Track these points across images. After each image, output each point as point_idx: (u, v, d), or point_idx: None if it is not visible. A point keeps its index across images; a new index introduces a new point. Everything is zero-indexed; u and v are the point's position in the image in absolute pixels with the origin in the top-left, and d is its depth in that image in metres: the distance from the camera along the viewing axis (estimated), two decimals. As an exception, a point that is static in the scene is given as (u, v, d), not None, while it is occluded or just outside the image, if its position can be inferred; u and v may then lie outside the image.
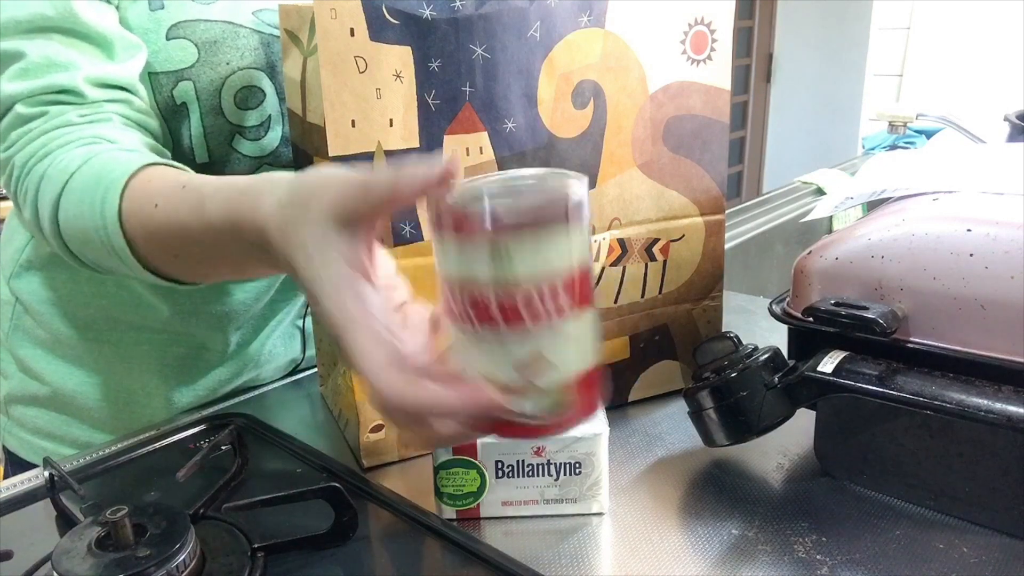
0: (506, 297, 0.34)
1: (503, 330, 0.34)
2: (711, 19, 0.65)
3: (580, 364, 0.36)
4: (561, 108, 0.61)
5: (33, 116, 0.57)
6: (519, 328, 0.34)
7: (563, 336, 0.35)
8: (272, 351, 0.80)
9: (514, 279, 0.34)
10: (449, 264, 0.36)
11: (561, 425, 0.36)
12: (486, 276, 0.34)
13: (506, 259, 0.34)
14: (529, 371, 0.34)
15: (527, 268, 0.34)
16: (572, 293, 0.35)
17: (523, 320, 0.34)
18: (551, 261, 0.34)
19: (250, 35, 0.65)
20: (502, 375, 0.35)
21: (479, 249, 0.34)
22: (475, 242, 0.34)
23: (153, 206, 0.50)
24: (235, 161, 0.68)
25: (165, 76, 0.63)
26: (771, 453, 0.62)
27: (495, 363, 0.35)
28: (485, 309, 0.34)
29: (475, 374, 0.35)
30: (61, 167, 0.54)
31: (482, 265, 0.34)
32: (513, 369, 0.34)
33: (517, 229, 0.34)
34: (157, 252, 0.52)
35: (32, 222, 0.58)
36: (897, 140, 1.59)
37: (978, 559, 0.50)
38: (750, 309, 0.93)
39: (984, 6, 2.93)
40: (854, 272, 0.58)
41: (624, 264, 0.67)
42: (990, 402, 0.50)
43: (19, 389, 0.77)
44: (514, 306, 0.34)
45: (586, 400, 0.37)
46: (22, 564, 0.49)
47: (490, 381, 0.35)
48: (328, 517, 0.52)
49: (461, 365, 0.36)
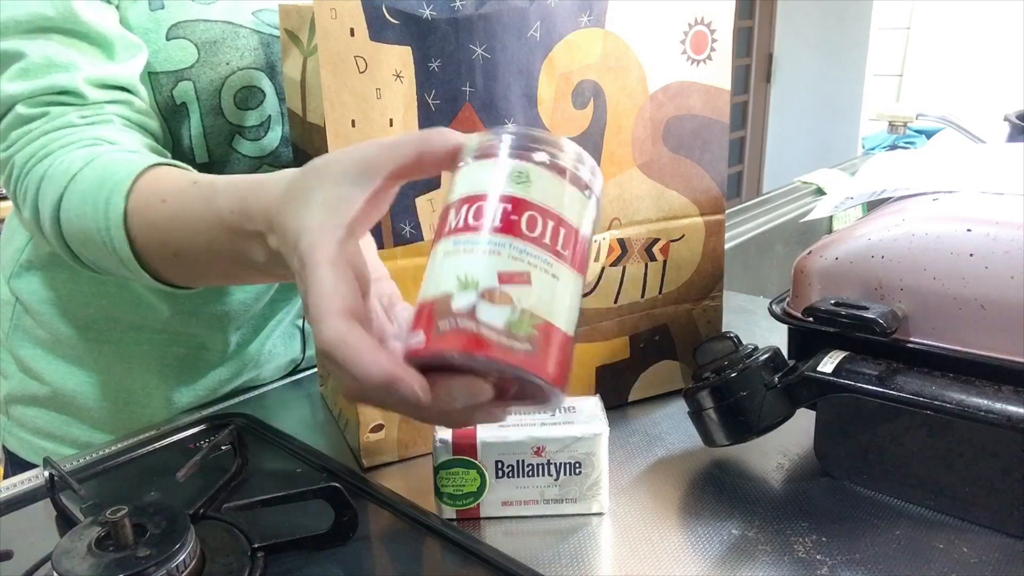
0: (514, 208, 0.34)
1: (500, 236, 0.34)
2: (711, 19, 0.65)
3: (558, 315, 0.34)
4: (561, 108, 0.61)
5: (34, 117, 0.57)
6: (518, 240, 0.34)
7: (551, 274, 0.34)
8: (272, 351, 0.80)
9: (528, 196, 0.34)
10: (460, 186, 0.36)
11: (523, 358, 0.33)
12: (501, 189, 0.35)
13: (525, 179, 0.35)
14: (511, 282, 0.33)
15: (543, 195, 0.35)
16: (570, 245, 0.35)
17: (524, 235, 0.34)
18: (563, 206, 0.35)
19: (250, 35, 0.65)
20: (483, 278, 0.33)
21: (502, 167, 0.35)
22: (500, 161, 0.35)
23: (161, 201, 0.50)
24: (235, 161, 0.68)
25: (165, 76, 0.63)
26: (771, 453, 0.62)
27: (481, 266, 0.33)
28: (490, 214, 0.34)
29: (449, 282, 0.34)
30: (63, 168, 0.54)
31: (502, 180, 0.35)
32: (496, 274, 0.33)
33: (542, 163, 0.35)
34: (158, 250, 0.52)
35: (32, 222, 0.58)
36: (897, 140, 1.59)
37: (978, 559, 0.50)
38: (750, 309, 0.93)
39: (984, 6, 2.93)
40: (854, 272, 0.58)
41: (624, 264, 0.67)
42: (990, 402, 0.50)
43: (19, 389, 0.77)
44: (519, 218, 0.34)
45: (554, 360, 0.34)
46: (22, 564, 0.49)
47: (465, 286, 0.33)
48: (328, 517, 0.52)
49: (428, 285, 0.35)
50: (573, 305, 0.36)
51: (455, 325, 0.33)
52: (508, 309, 0.33)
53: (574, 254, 0.36)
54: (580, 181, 0.36)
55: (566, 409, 0.56)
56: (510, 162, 0.35)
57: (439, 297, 0.33)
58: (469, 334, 0.33)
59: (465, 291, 0.33)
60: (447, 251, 0.35)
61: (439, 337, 0.33)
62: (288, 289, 0.79)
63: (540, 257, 0.34)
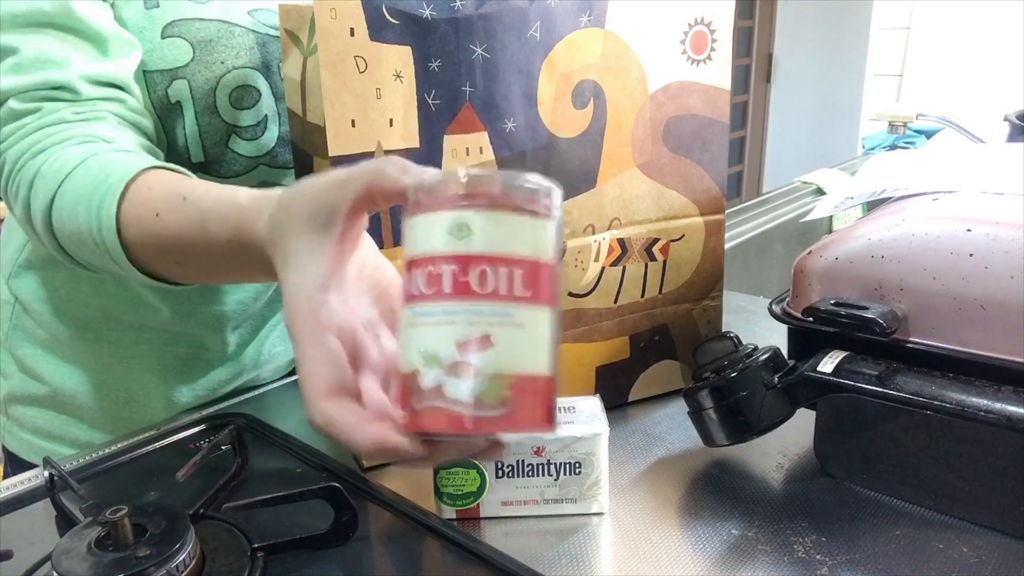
0: (460, 269, 0.33)
1: (452, 304, 0.33)
2: (711, 19, 0.65)
3: (529, 363, 0.34)
4: (561, 108, 0.61)
5: (26, 112, 0.57)
6: (469, 301, 0.33)
7: (514, 324, 0.34)
8: (271, 351, 0.80)
9: (471, 251, 0.33)
10: (411, 243, 0.35)
11: (498, 422, 0.33)
12: (445, 248, 0.34)
13: (466, 231, 0.33)
14: (471, 348, 0.33)
15: (487, 241, 0.33)
16: (530, 283, 0.34)
17: (474, 294, 0.33)
18: (511, 244, 0.34)
19: (245, 34, 0.65)
20: (442, 352, 0.33)
21: (442, 222, 0.34)
22: (438, 215, 0.34)
23: (154, 215, 0.50)
24: (231, 161, 0.68)
25: (160, 75, 0.63)
26: (771, 453, 0.62)
27: (438, 339, 0.33)
28: (438, 281, 0.33)
29: (415, 358, 0.34)
30: (56, 166, 0.54)
31: (442, 237, 0.34)
32: (455, 345, 0.33)
33: (479, 205, 0.34)
34: (158, 258, 0.52)
35: (23, 219, 0.57)
36: (897, 140, 1.59)
37: (978, 559, 0.50)
38: (750, 309, 0.93)
39: (984, 6, 2.93)
40: (854, 272, 0.58)
41: (624, 264, 0.67)
42: (990, 402, 0.50)
43: (19, 389, 0.77)
44: (467, 278, 0.33)
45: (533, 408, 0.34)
46: (22, 564, 0.49)
47: (428, 362, 0.33)
48: (328, 517, 0.52)
49: (401, 356, 0.35)
50: (547, 340, 0.35)
51: (428, 404, 0.34)
52: (474, 381, 0.33)
53: (537, 289, 0.34)
54: (529, 211, 0.34)
55: (566, 409, 0.56)
56: (449, 215, 0.34)
57: (409, 374, 0.34)
58: (442, 413, 0.33)
59: (429, 368, 0.33)
60: (409, 322, 0.35)
61: (417, 416, 0.34)
62: (288, 289, 0.79)
63: (498, 312, 0.33)
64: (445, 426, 0.33)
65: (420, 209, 0.35)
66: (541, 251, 0.35)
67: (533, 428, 0.34)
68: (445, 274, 0.33)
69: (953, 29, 3.03)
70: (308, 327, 0.37)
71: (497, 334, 0.33)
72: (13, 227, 0.76)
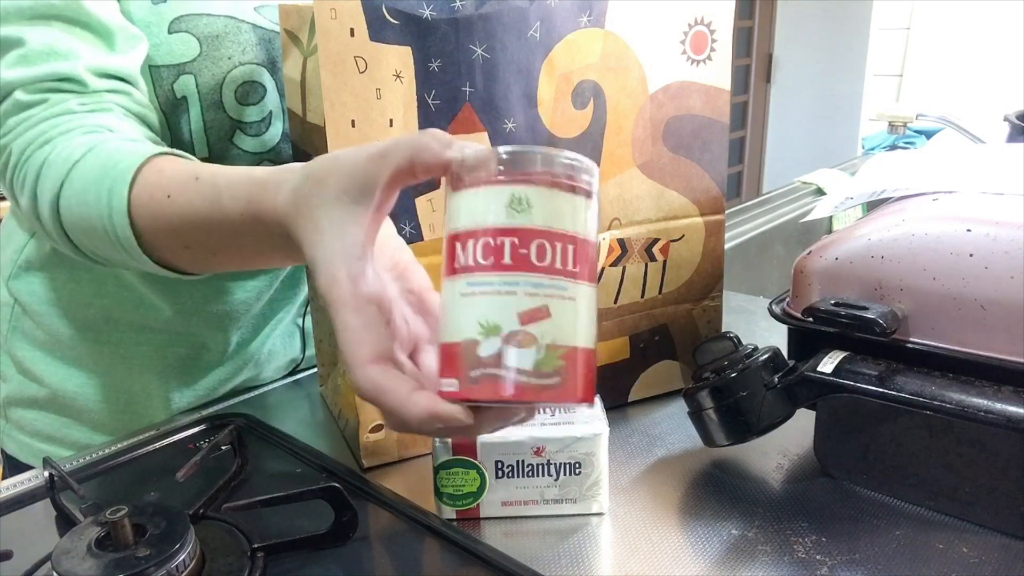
0: (521, 241, 0.34)
1: (513, 275, 0.34)
2: (711, 19, 0.65)
3: (580, 336, 0.35)
4: (561, 108, 0.61)
5: (33, 103, 0.57)
6: (530, 275, 0.34)
7: (568, 298, 0.35)
8: (272, 350, 0.80)
9: (532, 225, 0.34)
10: (461, 216, 0.36)
11: (553, 391, 0.35)
12: (503, 220, 0.34)
13: (525, 205, 0.34)
14: (532, 320, 0.34)
15: (544, 219, 0.34)
16: (580, 259, 0.35)
17: (535, 268, 0.34)
18: (566, 221, 0.35)
19: (252, 30, 0.65)
20: (504, 322, 0.34)
21: (499, 196, 0.35)
22: (493, 189, 0.35)
23: (165, 196, 0.49)
24: (235, 156, 0.68)
25: (166, 69, 0.63)
26: (771, 453, 0.62)
27: (497, 308, 0.34)
28: (498, 252, 0.34)
29: (470, 328, 0.34)
30: (64, 155, 0.54)
31: (500, 210, 0.34)
32: (516, 316, 0.34)
33: (536, 183, 0.35)
34: (167, 242, 0.51)
35: (29, 210, 0.57)
36: (897, 140, 1.59)
37: (978, 559, 0.50)
38: (750, 309, 0.93)
39: (984, 6, 2.93)
40: (854, 272, 0.58)
41: (624, 264, 0.67)
42: (990, 402, 0.50)
43: (18, 391, 0.77)
44: (528, 253, 0.34)
45: (583, 380, 0.36)
46: (22, 564, 0.49)
47: (488, 332, 0.34)
48: (328, 517, 0.52)
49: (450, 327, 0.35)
50: (591, 316, 0.36)
51: (485, 373, 0.34)
52: (534, 350, 0.34)
53: (585, 266, 0.36)
54: (579, 188, 0.36)
55: (566, 409, 0.57)
56: (508, 188, 0.35)
57: (464, 343, 0.35)
58: (500, 381, 0.34)
59: (489, 338, 0.34)
60: (463, 292, 0.35)
61: (472, 385, 0.35)
62: (289, 288, 0.79)
63: (555, 285, 0.35)
64: (503, 394, 0.34)
65: (468, 183, 0.35)
66: (589, 230, 0.36)
67: (579, 399, 0.36)
68: (505, 245, 0.34)
69: (953, 29, 3.03)
70: (348, 294, 0.36)
71: (555, 306, 0.34)
72: (13, 228, 0.75)
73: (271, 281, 0.77)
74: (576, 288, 0.35)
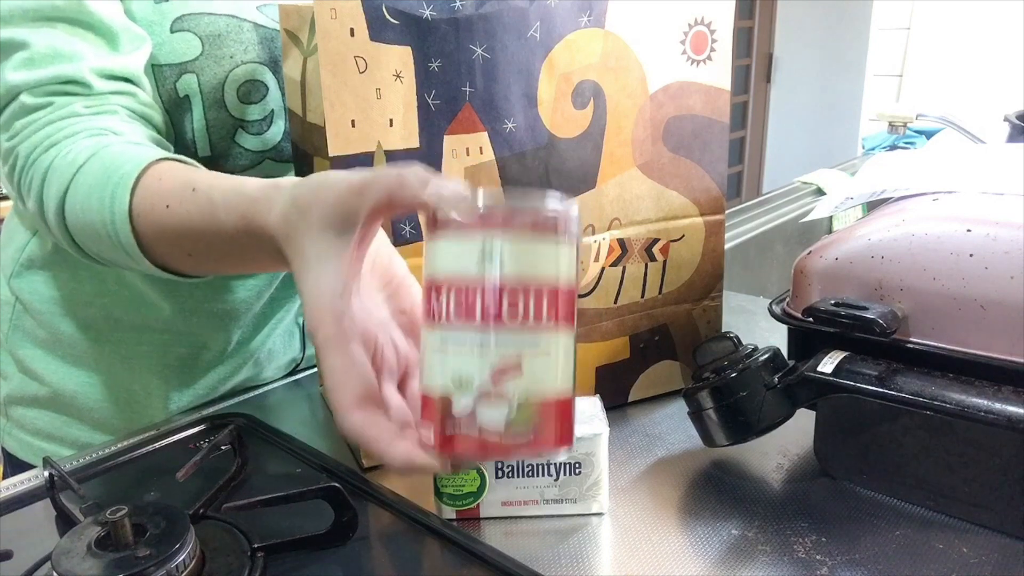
0: (491, 295, 0.34)
1: (483, 330, 0.34)
2: (711, 19, 0.65)
3: (554, 386, 0.35)
4: (561, 108, 0.61)
5: (38, 106, 0.57)
6: (500, 328, 0.34)
7: (541, 348, 0.34)
8: (272, 349, 0.80)
9: (501, 277, 0.34)
10: (437, 263, 0.35)
11: (527, 447, 0.35)
12: (474, 272, 0.34)
13: (495, 257, 0.34)
14: (502, 376, 0.34)
15: (515, 268, 0.34)
16: (555, 308, 0.35)
17: (507, 323, 0.34)
18: (539, 268, 0.34)
19: (254, 29, 0.65)
20: (475, 378, 0.34)
21: (471, 245, 0.34)
22: (466, 237, 0.34)
23: (165, 207, 0.50)
24: (237, 155, 0.68)
25: (169, 68, 0.63)
26: (771, 453, 0.62)
27: (469, 365, 0.34)
28: (469, 307, 0.34)
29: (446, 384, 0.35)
30: (69, 159, 0.54)
31: (471, 261, 0.34)
32: (489, 374, 0.34)
33: (510, 228, 0.34)
34: (169, 249, 0.52)
35: (36, 212, 0.57)
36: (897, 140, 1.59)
37: (978, 559, 0.50)
38: (750, 309, 0.93)
39: (984, 6, 2.93)
40: (854, 272, 0.58)
41: (624, 264, 0.67)
42: (990, 402, 0.50)
43: (19, 390, 0.77)
44: (498, 305, 0.34)
45: (557, 429, 0.35)
46: (22, 564, 0.49)
47: (461, 389, 0.34)
48: (328, 517, 0.52)
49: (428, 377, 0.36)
50: (568, 362, 0.36)
51: (459, 430, 0.35)
52: (505, 408, 0.34)
53: (560, 313, 0.35)
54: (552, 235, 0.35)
55: None
56: (478, 239, 0.34)
57: (440, 397, 0.35)
58: (473, 439, 0.35)
59: (462, 394, 0.34)
60: (437, 347, 0.35)
61: (446, 440, 0.35)
62: (289, 287, 0.79)
63: (527, 340, 0.34)
64: (477, 452, 0.35)
65: (445, 228, 0.35)
66: (564, 275, 0.35)
67: (554, 447, 0.36)
68: (476, 300, 0.34)
69: (953, 29, 3.03)
70: (332, 335, 0.37)
71: (527, 360, 0.34)
72: (15, 227, 0.76)
73: (271, 280, 0.77)
74: (550, 338, 0.35)
